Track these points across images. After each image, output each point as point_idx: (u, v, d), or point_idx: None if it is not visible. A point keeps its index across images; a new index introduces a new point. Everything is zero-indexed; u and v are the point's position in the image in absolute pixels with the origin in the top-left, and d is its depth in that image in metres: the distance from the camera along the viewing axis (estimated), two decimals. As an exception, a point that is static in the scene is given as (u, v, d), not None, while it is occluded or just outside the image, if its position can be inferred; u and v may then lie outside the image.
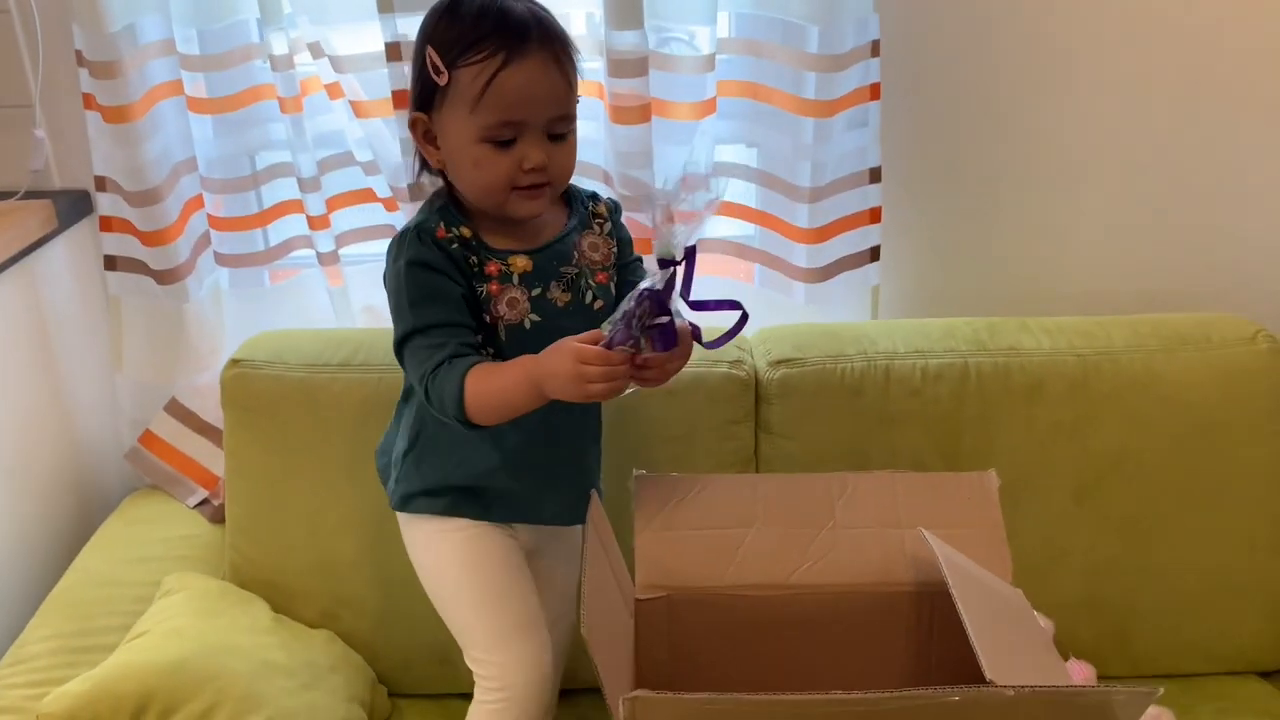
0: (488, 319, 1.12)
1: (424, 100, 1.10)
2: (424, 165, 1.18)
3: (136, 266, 1.61)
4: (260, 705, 1.16)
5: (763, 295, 1.69)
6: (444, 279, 1.09)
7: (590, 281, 1.18)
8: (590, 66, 1.49)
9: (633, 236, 1.29)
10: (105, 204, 1.59)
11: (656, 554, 1.14)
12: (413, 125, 1.12)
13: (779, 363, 1.42)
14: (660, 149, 1.51)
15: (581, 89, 1.50)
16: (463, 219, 1.13)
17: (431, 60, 1.06)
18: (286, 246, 1.69)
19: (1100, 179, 1.64)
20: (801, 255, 1.61)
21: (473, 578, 1.20)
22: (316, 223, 1.62)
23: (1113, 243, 1.65)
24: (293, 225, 1.67)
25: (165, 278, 1.59)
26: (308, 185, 1.59)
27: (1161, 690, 0.82)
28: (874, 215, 1.60)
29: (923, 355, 1.41)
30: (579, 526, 1.08)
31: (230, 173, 1.62)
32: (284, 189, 1.65)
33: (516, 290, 1.13)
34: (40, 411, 1.61)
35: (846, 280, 1.63)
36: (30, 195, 1.61)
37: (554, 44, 1.07)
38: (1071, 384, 1.38)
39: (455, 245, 1.11)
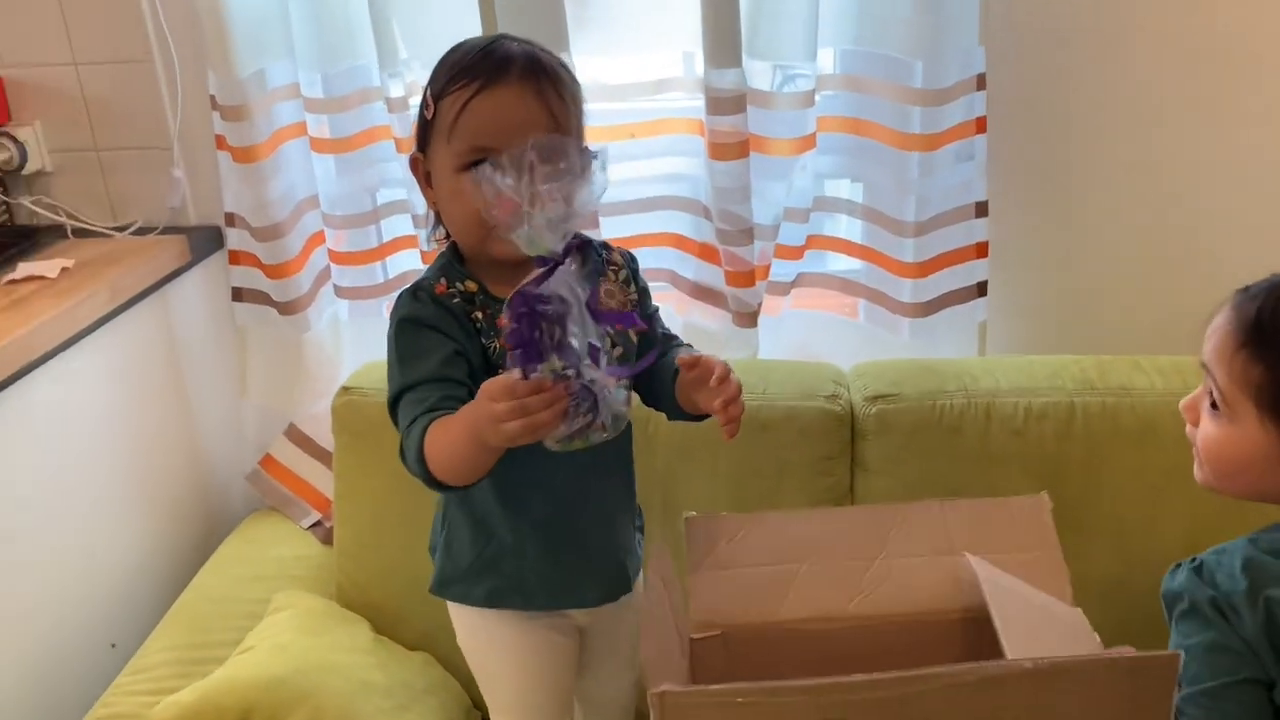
0: (503, 371, 1.04)
1: (420, 141, 1.08)
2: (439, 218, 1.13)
3: (261, 298, 1.70)
4: (355, 723, 1.20)
5: (866, 330, 1.67)
6: (435, 335, 1.04)
7: (607, 330, 1.11)
8: (688, 104, 1.52)
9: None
10: (234, 239, 1.69)
11: (710, 593, 1.15)
12: (414, 165, 1.10)
13: (876, 398, 1.40)
14: (759, 184, 1.51)
15: (679, 126, 1.54)
16: (466, 272, 1.09)
17: (424, 97, 1.05)
18: (402, 280, 1.75)
19: (1218, 211, 1.57)
20: (905, 290, 1.59)
21: (508, 674, 1.20)
22: (429, 258, 1.67)
23: (1234, 278, 1.57)
24: (408, 260, 1.74)
25: (287, 309, 1.68)
26: (420, 221, 1.65)
27: (1181, 654, 0.79)
28: (981, 250, 1.57)
29: (1026, 394, 1.37)
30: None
31: (350, 209, 1.70)
32: (400, 225, 1.72)
33: None
34: (170, 433, 1.71)
35: (952, 316, 1.60)
36: (168, 230, 1.72)
37: (538, 76, 1.03)
38: (1177, 426, 1.31)
39: (457, 300, 1.06)
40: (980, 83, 1.49)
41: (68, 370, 1.47)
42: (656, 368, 1.16)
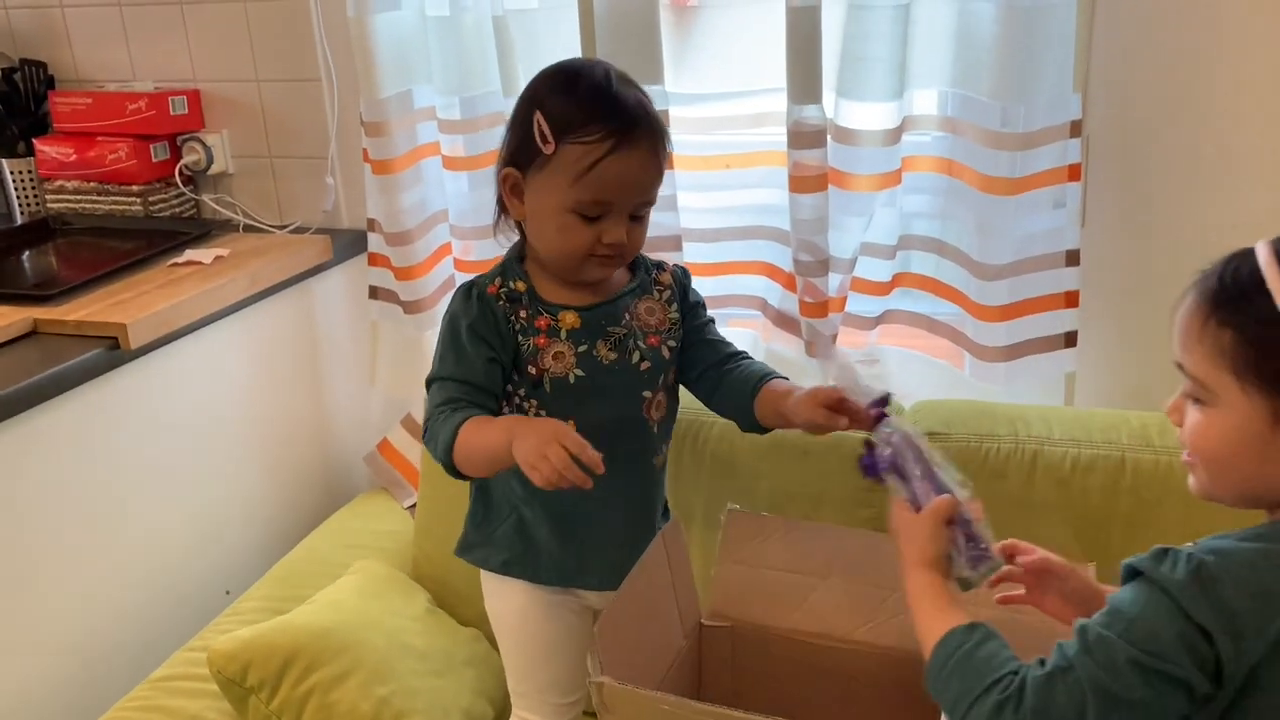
0: (534, 370, 1.18)
1: (521, 159, 1.15)
2: (503, 212, 1.23)
3: (391, 297, 1.88)
4: (389, 679, 1.32)
5: (949, 371, 1.66)
6: (475, 340, 1.16)
7: (639, 343, 1.22)
8: (779, 139, 1.57)
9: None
10: (373, 242, 1.88)
11: (732, 586, 1.20)
12: (504, 179, 1.17)
13: (924, 435, 1.39)
14: (836, 218, 1.55)
15: (770, 159, 1.60)
16: (521, 273, 1.20)
17: (540, 127, 1.11)
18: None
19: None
20: (987, 333, 1.58)
21: (520, 641, 1.30)
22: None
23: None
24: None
25: (412, 308, 1.84)
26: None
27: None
28: (1070, 299, 1.54)
29: (1077, 444, 1.34)
30: None
31: (479, 221, 1.85)
32: (519, 239, 1.86)
33: (563, 345, 1.18)
34: (302, 412, 1.91)
35: (1035, 364, 1.57)
36: (320, 231, 1.93)
37: (656, 138, 1.14)
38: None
39: (503, 301, 1.18)
40: (1075, 129, 1.47)
41: (211, 344, 1.69)
42: (721, 382, 1.26)
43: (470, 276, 1.27)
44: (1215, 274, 0.88)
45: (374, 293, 1.91)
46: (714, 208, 1.70)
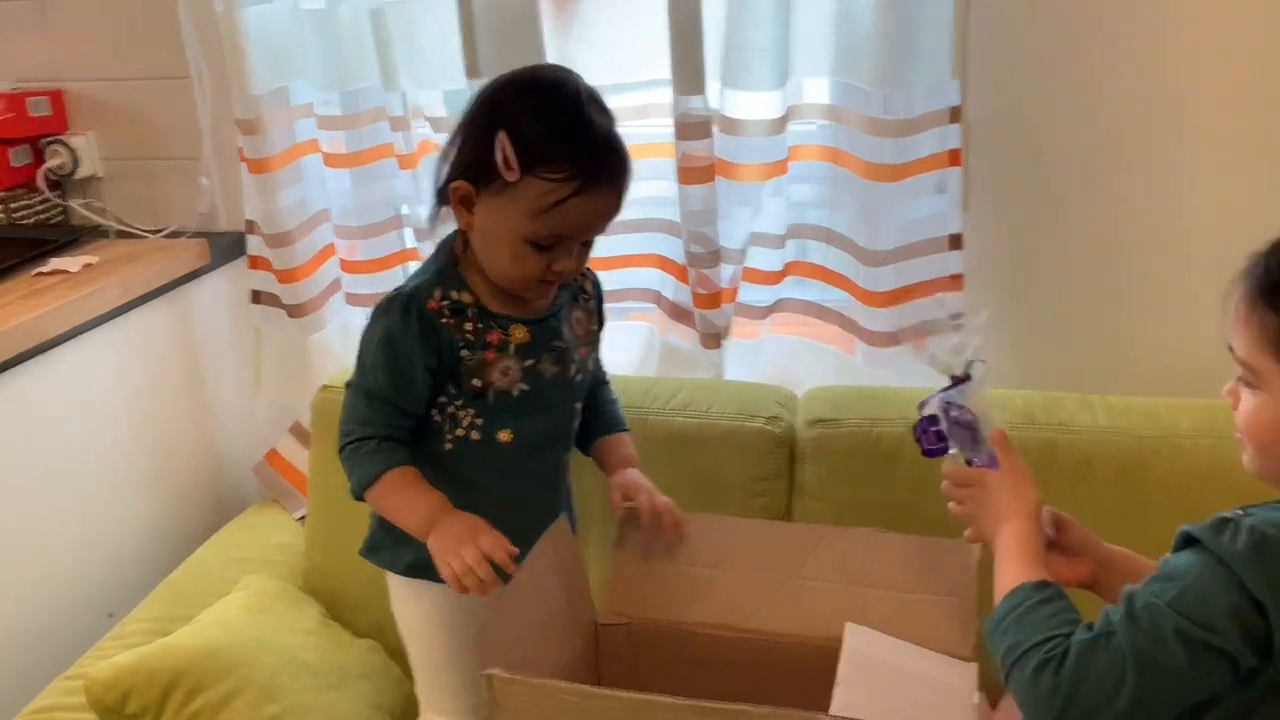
0: (478, 384, 1.15)
1: (476, 175, 1.09)
2: (440, 206, 1.18)
3: (274, 300, 1.82)
4: (279, 697, 1.28)
5: (843, 358, 1.68)
6: (410, 360, 1.12)
7: (575, 355, 1.22)
8: (661, 129, 1.56)
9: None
10: (253, 245, 1.82)
11: (628, 584, 1.19)
12: (454, 190, 1.12)
13: (816, 422, 1.41)
14: (726, 208, 1.55)
15: (659, 150, 1.59)
16: (463, 283, 1.15)
17: (504, 152, 1.05)
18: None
19: (1191, 254, 1.53)
20: (875, 319, 1.59)
21: (430, 643, 1.27)
22: (429, 267, 1.76)
23: (1206, 321, 1.52)
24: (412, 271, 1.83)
25: (295, 311, 1.79)
26: (424, 234, 1.75)
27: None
28: (955, 282, 1.57)
29: (965, 425, 1.36)
30: None
31: (365, 220, 1.80)
32: (408, 237, 1.82)
33: (511, 359, 1.16)
34: (184, 423, 1.84)
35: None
36: (197, 235, 1.86)
37: (623, 176, 1.11)
38: (1123, 467, 1.29)
39: (447, 316, 1.13)
40: (954, 115, 1.50)
41: (82, 356, 1.61)
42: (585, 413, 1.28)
43: (373, 276, 1.23)
44: (1264, 259, 0.88)
45: (256, 297, 1.85)
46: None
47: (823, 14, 1.47)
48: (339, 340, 1.87)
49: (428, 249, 1.73)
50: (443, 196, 1.16)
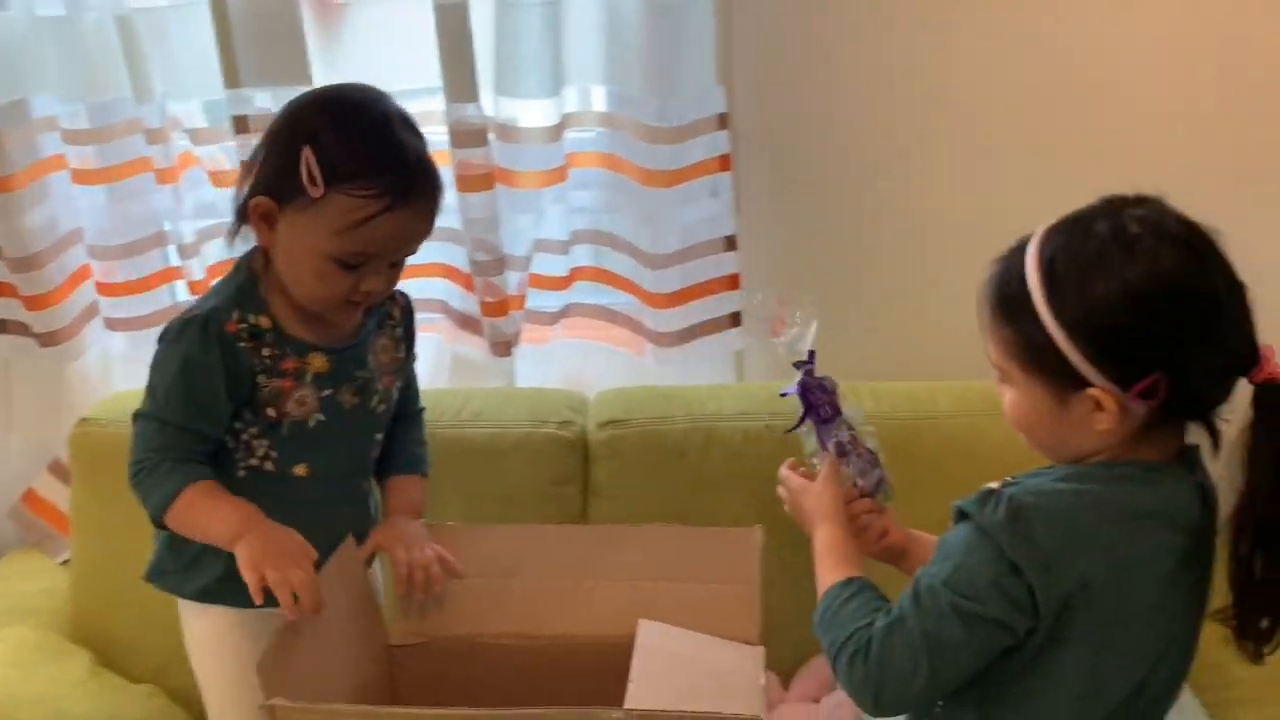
0: (272, 413, 1.11)
1: (278, 190, 1.06)
2: (240, 224, 1.13)
3: (22, 329, 1.68)
4: (47, 756, 1.18)
5: (632, 360, 1.71)
6: (211, 386, 1.08)
7: (378, 385, 1.19)
8: (444, 137, 1.55)
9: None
10: (-6, 270, 1.67)
11: (420, 603, 1.17)
12: (256, 207, 1.07)
13: (607, 424, 1.43)
14: (507, 216, 1.55)
15: (440, 159, 1.57)
16: (263, 305, 1.10)
17: (309, 167, 1.02)
18: (172, 311, 1.74)
19: (962, 242, 1.63)
20: (660, 320, 1.63)
21: (219, 666, 1.20)
22: (197, 287, 1.67)
23: (958, 310, 1.65)
24: (180, 291, 1.74)
25: (48, 340, 1.66)
26: (188, 252, 1.66)
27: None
28: (732, 281, 1.63)
29: (747, 417, 1.42)
30: None
31: (119, 240, 1.69)
32: (170, 256, 1.72)
33: (308, 389, 1.12)
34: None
35: (706, 345, 1.64)
36: (-75, 261, 1.68)
37: (434, 194, 1.09)
38: (893, 449, 1.36)
39: (245, 340, 1.09)
40: (722, 121, 1.55)
41: None
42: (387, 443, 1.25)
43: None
44: (999, 274, 0.94)
45: (1, 326, 1.70)
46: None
47: (591, 23, 1.50)
48: (98, 369, 1.75)
49: (194, 268, 1.66)
50: (243, 213, 1.11)
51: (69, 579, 1.50)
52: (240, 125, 1.50)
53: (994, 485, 0.92)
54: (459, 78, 1.46)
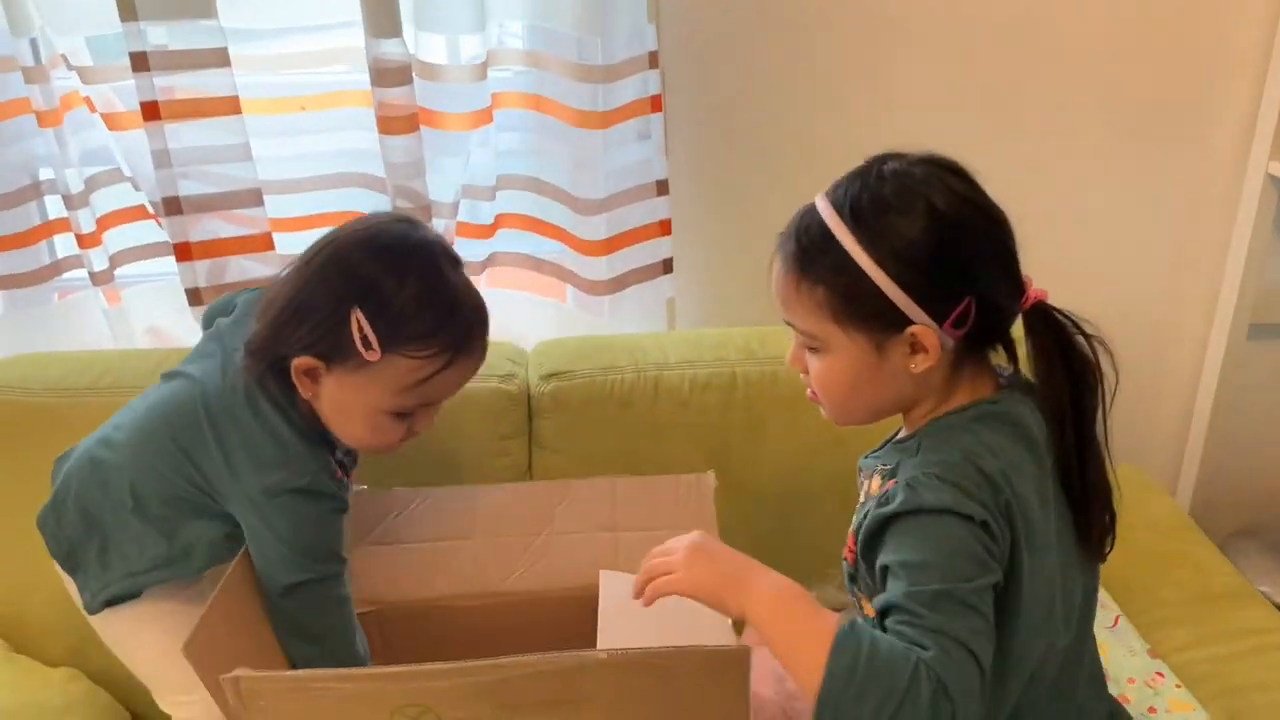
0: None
1: (327, 351, 1.01)
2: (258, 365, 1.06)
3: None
4: (-33, 752, 1.09)
5: (562, 309, 1.67)
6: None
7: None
8: (361, 78, 1.46)
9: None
10: None
11: (368, 570, 1.12)
12: (299, 367, 1.02)
13: (550, 376, 1.39)
14: (433, 160, 1.48)
15: (353, 99, 1.49)
16: (332, 440, 1.08)
17: (363, 332, 0.98)
18: (59, 267, 1.61)
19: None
20: (593, 268, 1.59)
21: (149, 631, 1.13)
22: (86, 241, 1.55)
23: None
24: (65, 245, 1.60)
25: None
26: (75, 202, 1.52)
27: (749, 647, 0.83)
28: (664, 227, 1.60)
29: (692, 365, 1.40)
30: None
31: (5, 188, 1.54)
32: (54, 207, 1.58)
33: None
34: None
35: (639, 293, 1.61)
36: None
37: (485, 336, 1.07)
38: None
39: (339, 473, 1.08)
40: (653, 60, 1.51)
41: None
42: None
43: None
44: (792, 237, 0.94)
45: None
46: (294, 155, 1.54)
47: (518, -45, 1.43)
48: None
49: (82, 219, 1.53)
50: (262, 359, 1.04)
51: (-33, 560, 1.37)
52: (139, 63, 1.38)
53: (890, 490, 0.88)
54: (380, 11, 1.37)
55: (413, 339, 1.00)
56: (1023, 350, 0.95)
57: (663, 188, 1.57)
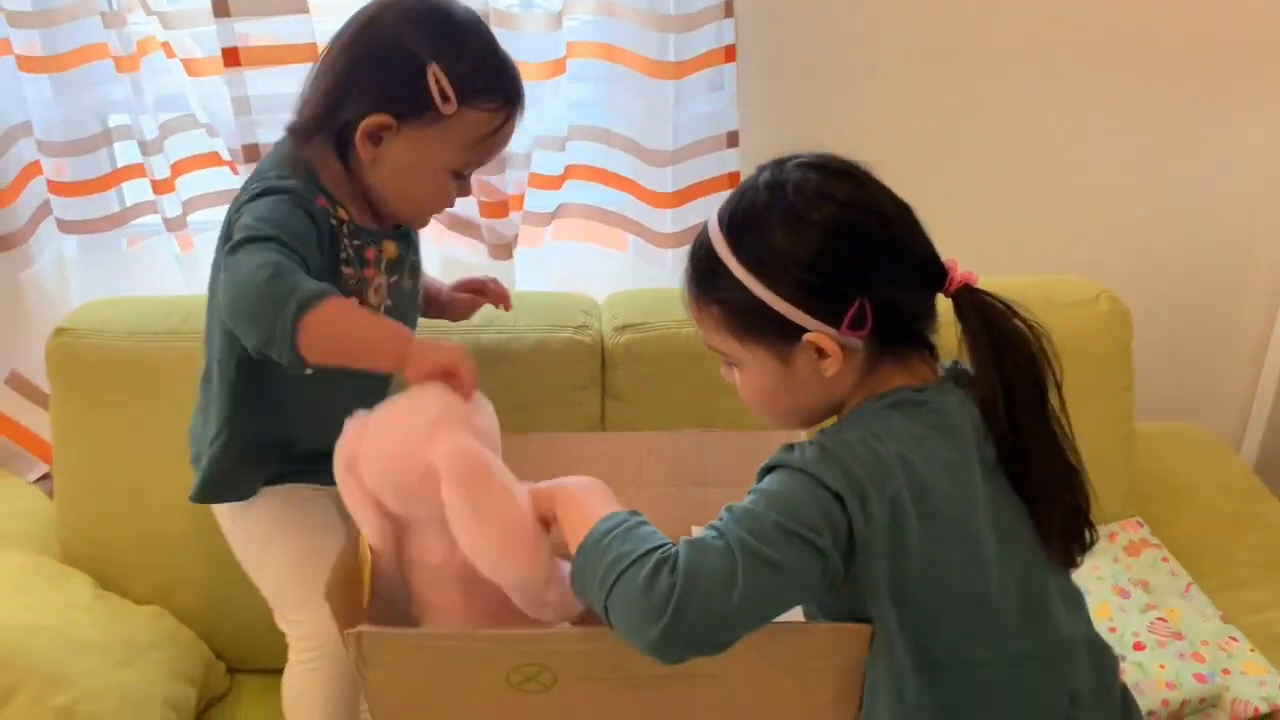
0: (356, 302, 1.09)
1: (401, 108, 1.04)
2: (311, 138, 1.08)
3: (-32, 234, 1.55)
4: (66, 686, 1.12)
5: (630, 261, 1.67)
6: (310, 240, 1.01)
7: (420, 265, 1.20)
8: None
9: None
10: (-66, 168, 1.53)
11: None
12: (371, 123, 1.04)
13: (624, 328, 1.40)
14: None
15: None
16: (335, 198, 1.08)
17: (440, 85, 1.03)
18: (133, 212, 1.63)
19: (956, 143, 1.64)
20: (662, 220, 1.59)
21: (280, 541, 1.17)
22: (160, 187, 1.56)
23: (963, 209, 1.65)
24: (139, 190, 1.62)
25: (1, 244, 1.53)
26: (150, 148, 1.54)
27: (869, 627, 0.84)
28: (733, 180, 1.58)
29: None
30: None
31: (71, 135, 1.55)
32: (128, 152, 1.60)
33: (383, 277, 1.12)
34: None
35: (706, 246, 1.61)
36: None
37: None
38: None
39: (332, 222, 1.07)
40: (728, 9, 1.49)
41: None
42: None
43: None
44: (689, 258, 0.95)
45: (-56, 231, 1.56)
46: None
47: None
48: (54, 275, 1.63)
49: (156, 165, 1.54)
50: (316, 126, 1.07)
51: (55, 500, 1.41)
52: (219, 8, 1.38)
53: (791, 442, 0.91)
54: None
55: (483, 92, 1.06)
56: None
57: (733, 139, 1.56)
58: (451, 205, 1.15)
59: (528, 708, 0.90)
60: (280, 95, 1.42)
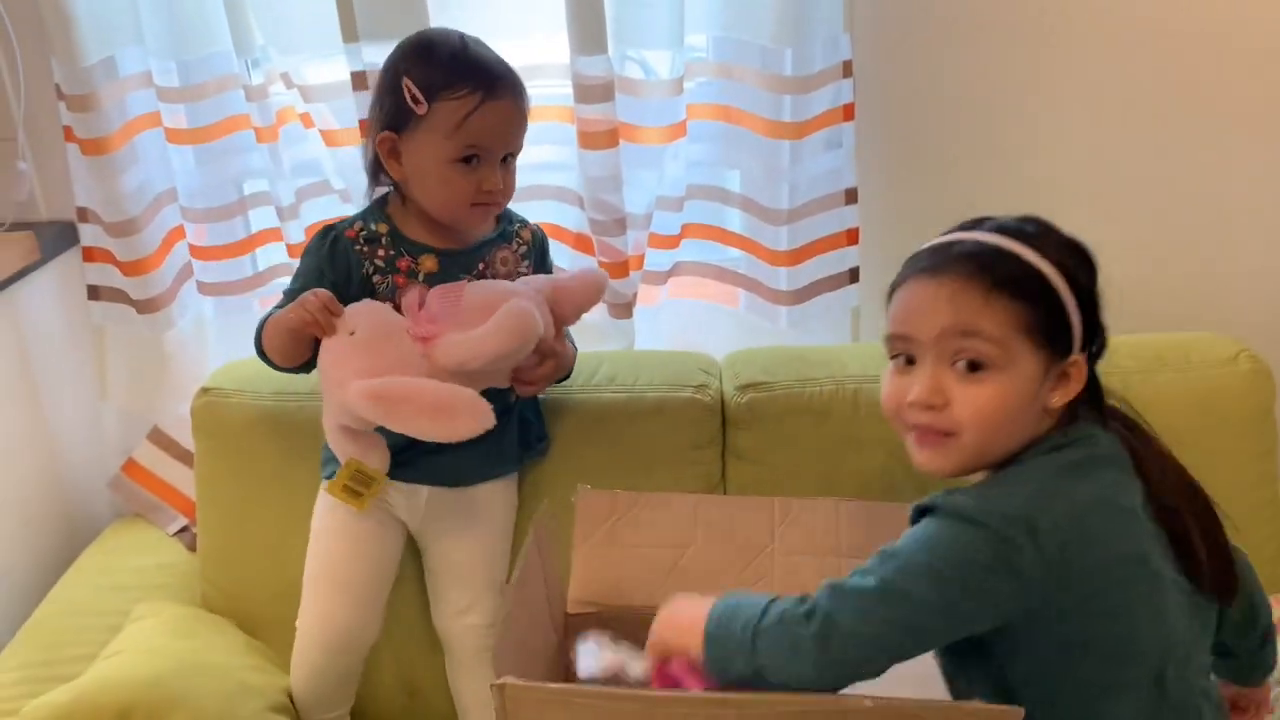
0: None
1: (395, 123, 1.23)
2: (377, 178, 1.31)
3: (118, 296, 1.63)
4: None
5: (744, 319, 1.67)
6: (317, 270, 1.27)
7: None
8: (559, 91, 1.50)
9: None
10: (87, 235, 1.62)
11: (593, 569, 1.15)
12: (381, 143, 1.25)
13: (747, 387, 1.40)
14: (630, 173, 1.50)
15: (551, 114, 1.52)
16: (383, 216, 1.29)
17: (410, 91, 1.20)
18: (270, 274, 1.70)
19: (1080, 195, 1.62)
20: (779, 278, 1.60)
21: (315, 540, 1.33)
22: (295, 250, 1.62)
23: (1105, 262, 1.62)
24: (275, 253, 1.69)
25: (145, 307, 1.61)
26: (286, 214, 1.60)
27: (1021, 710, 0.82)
28: (851, 237, 1.59)
29: (893, 379, 1.38)
30: (493, 509, 1.32)
31: (211, 202, 1.64)
32: (265, 218, 1.67)
33: (416, 286, 1.24)
34: (23, 439, 1.62)
35: (826, 303, 1.61)
36: (16, 227, 1.63)
37: (518, 91, 1.25)
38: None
39: (361, 244, 1.27)
40: (847, 70, 1.50)
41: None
42: None
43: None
44: (962, 258, 0.94)
45: (94, 293, 1.65)
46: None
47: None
48: (193, 336, 1.70)
49: (292, 230, 1.61)
50: (376, 160, 1.28)
51: (198, 554, 1.46)
52: (358, 81, 1.44)
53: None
54: (587, 28, 1.40)
55: (447, 85, 1.19)
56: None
57: (851, 196, 1.57)
58: (473, 197, 1.23)
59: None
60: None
